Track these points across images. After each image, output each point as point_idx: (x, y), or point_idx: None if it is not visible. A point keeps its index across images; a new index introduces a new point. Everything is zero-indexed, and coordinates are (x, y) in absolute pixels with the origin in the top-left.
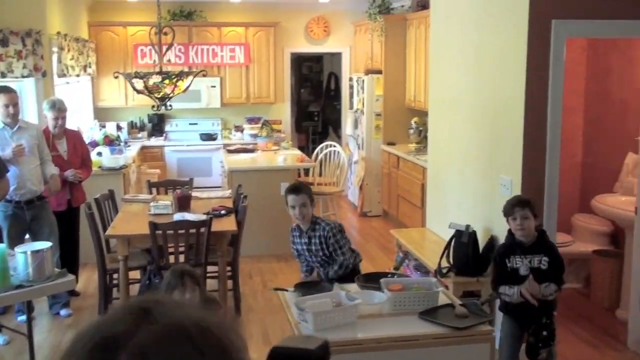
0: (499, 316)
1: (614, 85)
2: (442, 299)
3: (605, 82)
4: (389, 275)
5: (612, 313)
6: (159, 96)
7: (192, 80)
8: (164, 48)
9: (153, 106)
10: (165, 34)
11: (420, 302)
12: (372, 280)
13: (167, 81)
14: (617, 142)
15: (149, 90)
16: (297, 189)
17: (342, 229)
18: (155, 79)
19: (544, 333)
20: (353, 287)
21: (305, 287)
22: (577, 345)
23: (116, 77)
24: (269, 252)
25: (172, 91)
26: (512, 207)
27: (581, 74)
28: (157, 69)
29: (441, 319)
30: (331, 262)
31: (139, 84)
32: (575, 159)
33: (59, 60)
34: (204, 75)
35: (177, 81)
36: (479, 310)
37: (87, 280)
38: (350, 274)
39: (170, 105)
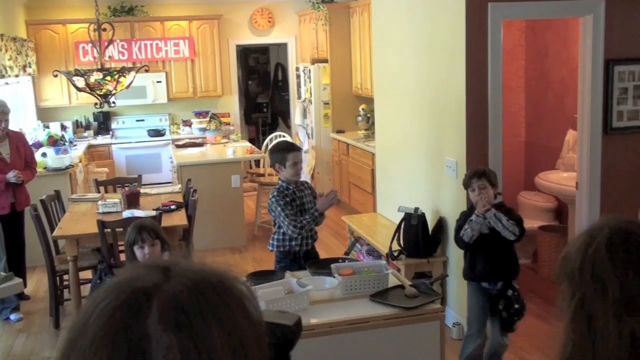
0: (455, 301)
1: (552, 66)
2: (393, 281)
3: (544, 63)
4: (340, 261)
5: (558, 286)
6: (101, 93)
7: (134, 76)
8: (104, 44)
9: (96, 104)
10: (105, 30)
11: (371, 284)
12: (324, 267)
13: (108, 78)
14: (557, 121)
15: (91, 88)
16: (296, 146)
17: None
18: (96, 76)
19: (516, 306)
20: (304, 273)
21: (258, 276)
22: (528, 318)
23: (55, 76)
24: (223, 244)
25: (115, 88)
26: (469, 179)
27: (521, 55)
28: (99, 66)
29: (391, 300)
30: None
31: (80, 81)
32: (518, 139)
33: None
34: (147, 71)
35: (119, 77)
36: (429, 290)
37: (37, 283)
38: (311, 250)
39: (114, 102)
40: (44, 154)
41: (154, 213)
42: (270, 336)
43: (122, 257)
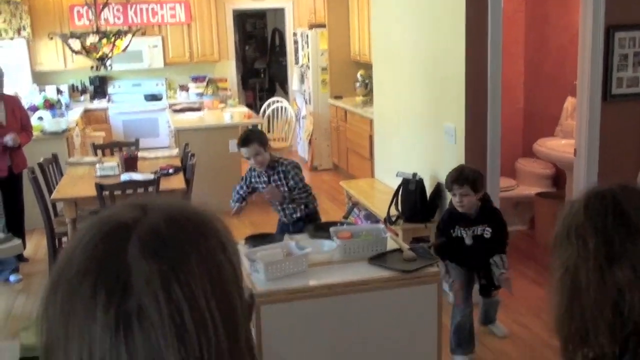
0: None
1: (552, 32)
2: (391, 244)
3: (543, 29)
4: (339, 225)
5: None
6: (97, 56)
7: (130, 39)
8: (100, 7)
9: (92, 67)
10: None
11: (369, 248)
12: (322, 230)
13: (104, 40)
14: (556, 87)
15: (87, 51)
16: (246, 140)
17: (299, 166)
18: (92, 39)
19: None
20: (304, 236)
21: (256, 239)
22: (523, 283)
23: (51, 39)
24: (219, 209)
25: (111, 51)
26: (451, 184)
27: (520, 21)
28: (94, 29)
29: (390, 263)
30: (290, 201)
31: (75, 44)
32: (517, 106)
33: None
34: (143, 34)
35: (115, 40)
36: (427, 253)
37: (36, 245)
38: (311, 214)
39: (110, 66)
40: (40, 118)
41: (151, 176)
42: None
43: None
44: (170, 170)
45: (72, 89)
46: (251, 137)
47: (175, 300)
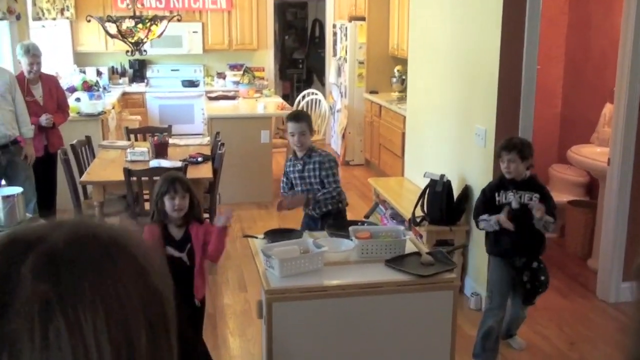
0: (475, 270)
1: (593, 36)
2: (410, 247)
3: (585, 32)
4: (360, 224)
5: (584, 262)
6: (132, 41)
7: (166, 25)
8: None
9: (127, 51)
10: None
11: (387, 249)
12: (342, 228)
13: (140, 25)
14: (596, 93)
15: (123, 35)
16: (298, 116)
17: (337, 161)
18: (128, 23)
19: (542, 278)
20: (322, 234)
21: (275, 234)
22: (548, 293)
23: (89, 21)
24: (248, 199)
25: (146, 36)
26: (500, 150)
27: (563, 23)
28: (127, 14)
29: (406, 266)
30: (315, 202)
31: (112, 28)
32: (554, 110)
33: (34, 3)
34: (179, 20)
35: (150, 25)
36: (445, 259)
37: None
38: (336, 214)
39: (145, 51)
40: (77, 99)
41: (179, 164)
42: None
43: (147, 205)
44: (199, 159)
45: (112, 71)
46: (303, 116)
47: (55, 329)
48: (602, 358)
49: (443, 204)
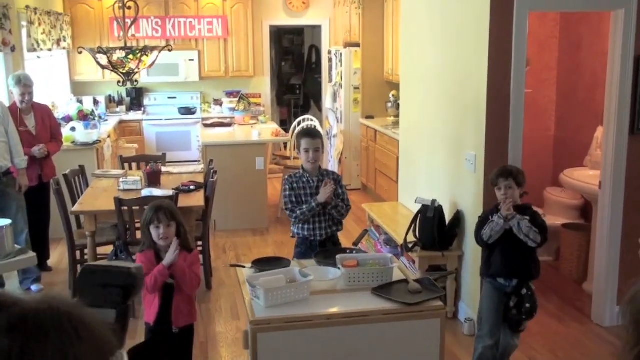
0: (469, 296)
1: (585, 58)
2: (398, 275)
3: (576, 55)
4: (348, 252)
5: (579, 286)
6: (124, 71)
7: (157, 56)
8: (128, 22)
9: (119, 82)
10: (129, 8)
11: (374, 277)
12: (330, 257)
13: (131, 56)
14: (588, 116)
15: (113, 66)
16: (312, 133)
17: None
18: (119, 54)
19: (527, 305)
20: (310, 262)
21: (263, 263)
22: (542, 317)
23: (80, 53)
24: (244, 226)
25: (137, 66)
26: (496, 178)
27: (554, 46)
28: (123, 44)
29: (393, 294)
30: (334, 207)
31: (102, 59)
32: (548, 133)
33: (29, 35)
34: (170, 50)
35: (141, 56)
36: (432, 286)
37: (61, 255)
38: (331, 237)
39: (136, 81)
40: (72, 129)
41: (171, 193)
42: (119, 278)
43: (139, 234)
44: (192, 187)
45: (109, 99)
46: (318, 133)
47: None
48: None
49: (435, 229)
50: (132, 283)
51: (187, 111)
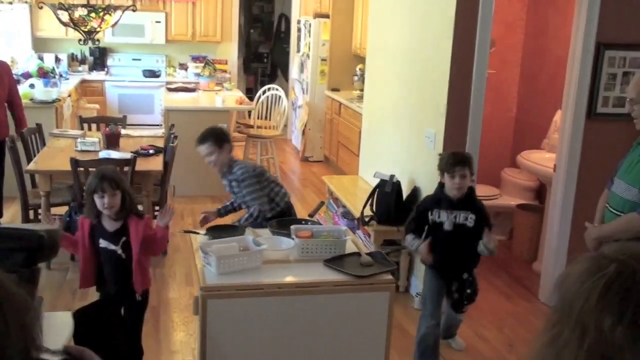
0: (420, 271)
1: (550, 42)
2: (351, 247)
3: (542, 38)
4: (303, 222)
5: (530, 266)
6: (85, 30)
7: (121, 16)
8: None
9: (80, 40)
10: None
11: (327, 249)
12: (285, 227)
13: (93, 14)
14: (549, 99)
15: (75, 23)
16: (202, 138)
17: (260, 172)
18: (80, 12)
19: (468, 290)
20: (265, 232)
21: (217, 231)
22: (492, 295)
23: (41, 7)
24: (203, 192)
25: (99, 25)
26: (452, 166)
27: (520, 29)
28: (86, 1)
29: (345, 266)
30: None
31: (64, 15)
32: (509, 114)
33: None
34: (134, 11)
35: (104, 15)
36: (384, 260)
37: (14, 214)
38: (281, 215)
39: (98, 40)
40: (31, 85)
41: (129, 156)
42: (22, 240)
43: None
44: (151, 151)
45: (72, 58)
46: (208, 135)
47: None
48: None
49: (392, 204)
50: (39, 246)
51: (152, 74)
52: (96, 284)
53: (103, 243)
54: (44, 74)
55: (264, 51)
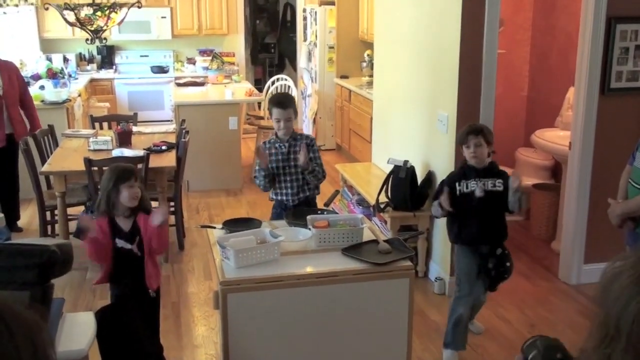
0: (438, 256)
1: (559, 19)
2: (369, 235)
3: (551, 16)
4: (320, 212)
5: (548, 245)
6: (92, 29)
7: (126, 13)
8: None
9: (87, 39)
10: None
11: (345, 238)
12: (301, 217)
13: (99, 13)
14: (561, 76)
15: (81, 23)
16: (283, 103)
17: None
18: (86, 11)
19: (507, 264)
20: (281, 223)
21: (234, 224)
22: (511, 276)
23: (47, 9)
24: (217, 186)
25: (106, 24)
26: (466, 135)
27: (529, 7)
28: (91, 0)
29: (363, 254)
30: (310, 171)
31: (70, 15)
32: (521, 93)
33: None
34: (139, 7)
35: (110, 13)
36: (402, 246)
37: (31, 216)
38: (309, 201)
39: (105, 39)
40: (41, 87)
41: (142, 153)
42: (34, 257)
43: None
44: (163, 147)
45: (80, 57)
46: (288, 101)
47: None
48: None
49: (407, 189)
50: (51, 263)
51: (160, 70)
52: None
53: (120, 243)
54: (53, 75)
55: (271, 41)
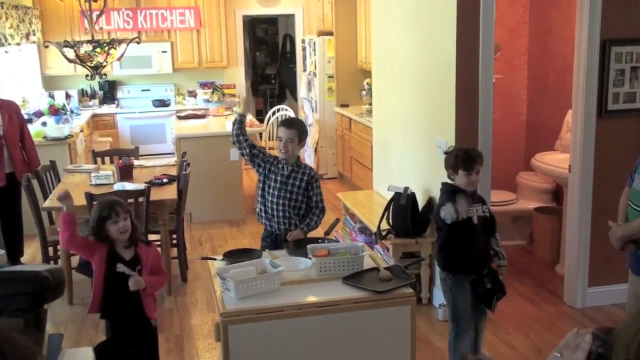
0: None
1: (555, 43)
2: (369, 263)
3: (547, 40)
4: (320, 241)
5: (552, 269)
6: (92, 65)
7: (125, 48)
8: (95, 15)
9: (87, 76)
10: (95, 0)
11: (345, 266)
12: (302, 247)
13: (98, 50)
14: (559, 100)
15: (81, 60)
16: (290, 123)
17: None
18: (86, 48)
19: (500, 278)
20: (282, 253)
21: (234, 255)
22: (516, 301)
23: (46, 47)
24: (220, 217)
25: (105, 60)
26: (471, 162)
27: (524, 32)
28: (90, 37)
29: (364, 283)
30: (296, 212)
31: (70, 53)
32: (520, 118)
33: None
34: (138, 43)
35: (109, 49)
36: (403, 273)
37: (35, 252)
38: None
39: (105, 74)
40: (44, 123)
41: (143, 186)
42: (26, 284)
43: None
44: (165, 180)
45: (82, 93)
46: (295, 123)
47: None
48: None
49: (408, 216)
50: (44, 288)
51: (161, 103)
52: (102, 311)
53: (121, 268)
54: (55, 112)
55: (271, 72)
